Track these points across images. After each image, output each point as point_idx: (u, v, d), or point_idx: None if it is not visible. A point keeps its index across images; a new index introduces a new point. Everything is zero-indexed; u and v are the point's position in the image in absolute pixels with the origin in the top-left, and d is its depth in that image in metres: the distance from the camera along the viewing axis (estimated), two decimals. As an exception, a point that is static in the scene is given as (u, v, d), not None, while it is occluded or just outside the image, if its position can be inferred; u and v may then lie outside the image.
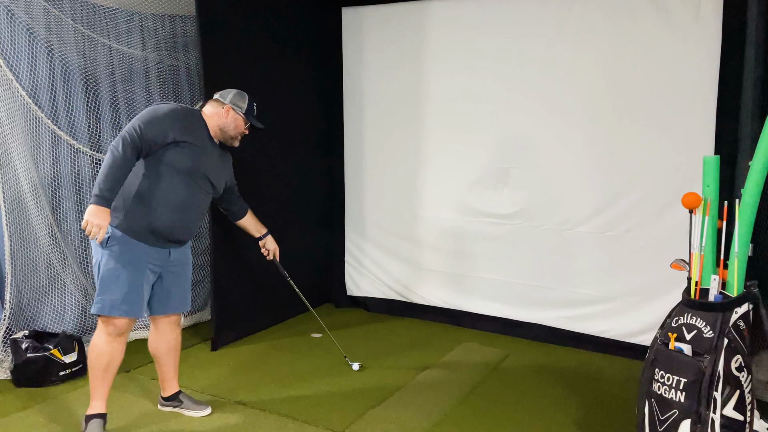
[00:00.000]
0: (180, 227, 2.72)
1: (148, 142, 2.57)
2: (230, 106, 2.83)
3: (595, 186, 3.74)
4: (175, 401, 3.01)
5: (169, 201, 2.64)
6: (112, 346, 2.67)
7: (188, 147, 2.65)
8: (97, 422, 2.70)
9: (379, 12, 4.34)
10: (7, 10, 3.37)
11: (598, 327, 3.82)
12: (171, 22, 4.22)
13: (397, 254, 4.53)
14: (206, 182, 2.77)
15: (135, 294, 2.63)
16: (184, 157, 2.64)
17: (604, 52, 3.62)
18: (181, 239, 2.77)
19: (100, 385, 2.71)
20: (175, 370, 3.01)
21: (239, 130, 2.86)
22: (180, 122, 2.64)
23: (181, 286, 2.87)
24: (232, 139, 2.86)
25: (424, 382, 3.39)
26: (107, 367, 2.69)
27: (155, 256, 2.69)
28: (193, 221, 2.79)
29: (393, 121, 4.40)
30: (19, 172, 3.47)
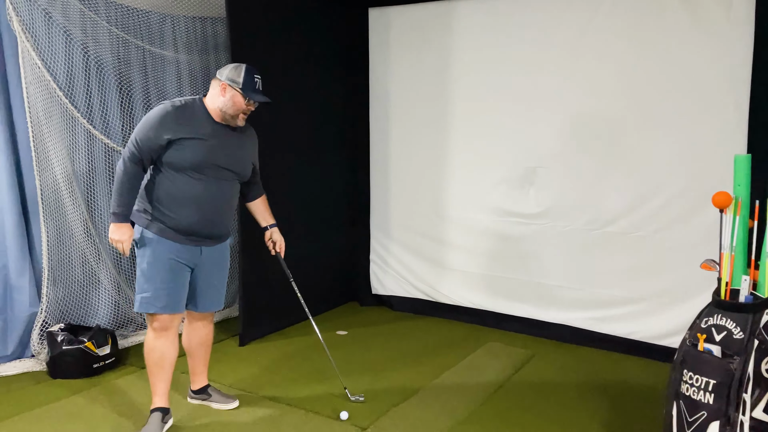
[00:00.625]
0: (204, 222, 2.68)
1: (146, 151, 2.57)
2: (226, 83, 2.62)
3: (624, 185, 3.70)
4: (203, 394, 3.06)
5: (185, 199, 2.62)
6: (159, 341, 2.72)
7: (187, 142, 2.57)
8: (156, 415, 2.75)
9: (406, 12, 4.36)
10: (45, 12, 3.48)
11: (625, 328, 3.78)
12: (202, 24, 4.31)
13: (422, 253, 4.55)
14: (221, 171, 2.67)
15: (169, 291, 2.65)
16: (185, 153, 2.58)
17: (632, 50, 3.58)
18: (210, 234, 2.74)
19: (157, 381, 2.76)
20: (205, 365, 3.05)
21: (238, 108, 2.64)
22: (171, 121, 2.56)
23: (213, 284, 2.86)
24: (233, 119, 2.67)
25: (448, 382, 3.39)
26: (159, 362, 2.73)
27: (187, 254, 2.69)
28: (217, 214, 2.73)
29: (419, 120, 4.42)
30: (56, 170, 3.58)
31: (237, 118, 2.66)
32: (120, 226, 2.60)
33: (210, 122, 2.65)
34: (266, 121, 3.87)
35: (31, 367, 3.52)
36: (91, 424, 2.90)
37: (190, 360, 3.03)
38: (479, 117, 4.16)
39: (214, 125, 2.66)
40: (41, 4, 3.44)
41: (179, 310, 2.73)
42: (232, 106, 2.63)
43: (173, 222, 2.63)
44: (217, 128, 2.67)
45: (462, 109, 4.23)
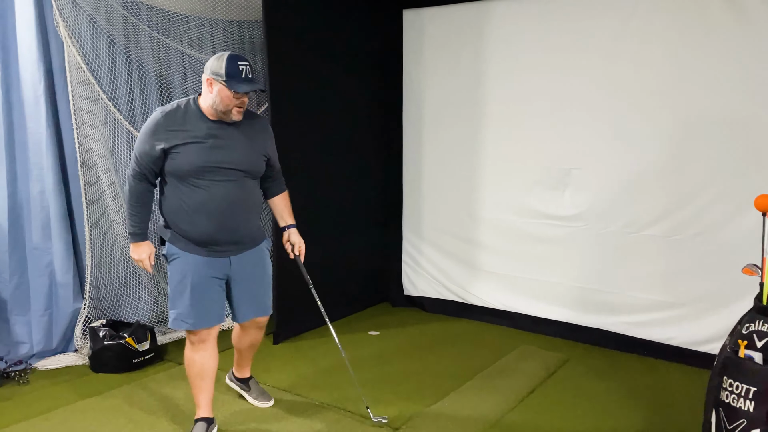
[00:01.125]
0: (219, 230, 2.53)
1: (146, 165, 2.49)
2: (211, 78, 2.42)
3: (663, 188, 3.63)
4: (244, 384, 3.11)
5: (193, 209, 2.49)
6: (198, 354, 2.66)
7: (182, 148, 2.43)
8: (201, 425, 2.72)
9: (440, 13, 4.36)
10: (90, 18, 3.60)
11: (663, 334, 3.70)
12: (239, 27, 4.39)
13: (455, 255, 4.53)
14: (226, 172, 2.49)
15: (198, 306, 2.56)
16: (182, 160, 2.44)
17: (672, 50, 3.50)
18: (233, 241, 2.59)
19: (199, 393, 2.72)
20: (249, 360, 3.10)
21: (227, 102, 2.42)
22: (162, 130, 2.44)
23: (253, 294, 2.73)
24: (226, 114, 2.45)
25: (480, 384, 3.38)
26: (200, 373, 2.68)
27: (215, 266, 2.58)
28: (233, 218, 2.55)
29: (452, 121, 4.41)
30: (99, 171, 3.70)
31: (230, 113, 2.45)
32: (138, 246, 2.59)
33: (204, 122, 2.47)
34: (300, 122, 3.94)
35: (74, 361, 3.64)
36: (130, 417, 2.99)
37: (236, 354, 3.05)
38: (513, 118, 4.13)
39: (210, 124, 2.48)
40: (86, 10, 3.57)
41: (211, 324, 2.64)
42: (220, 102, 2.42)
43: (190, 235, 2.53)
44: (214, 127, 2.48)
45: (496, 110, 4.20)
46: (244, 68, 2.42)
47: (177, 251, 2.56)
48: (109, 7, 3.69)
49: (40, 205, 3.55)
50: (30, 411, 3.04)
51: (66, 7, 3.47)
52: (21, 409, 3.07)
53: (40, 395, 3.22)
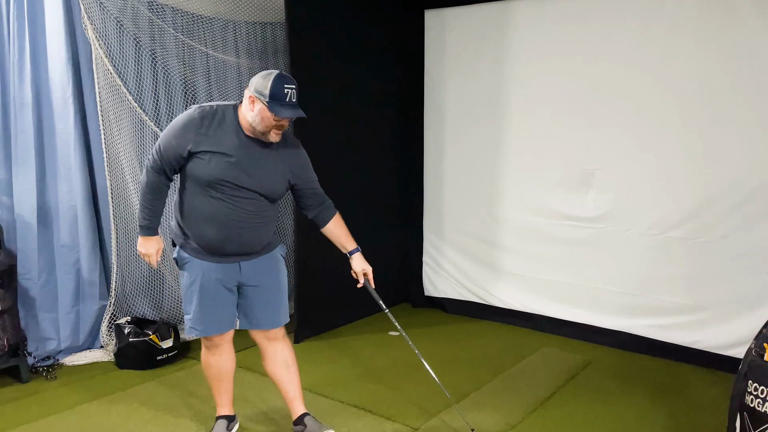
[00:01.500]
0: (228, 241, 2.43)
1: (167, 161, 2.38)
2: (254, 95, 2.31)
3: (688, 189, 3.57)
4: (300, 425, 2.72)
5: (202, 217, 2.41)
6: (214, 357, 2.64)
7: (207, 156, 2.33)
8: (222, 422, 2.74)
9: (462, 13, 4.35)
10: (117, 21, 3.67)
11: (688, 337, 3.65)
12: (262, 29, 4.44)
13: (476, 256, 4.52)
14: (240, 190, 2.37)
15: (207, 313, 2.50)
16: (203, 168, 2.34)
17: (699, 48, 3.44)
18: (239, 252, 2.48)
19: (218, 394, 2.74)
20: (295, 390, 2.72)
21: (267, 124, 2.31)
22: (194, 131, 2.33)
23: (264, 300, 2.59)
24: (264, 135, 2.35)
25: (501, 386, 3.36)
26: (217, 376, 2.68)
27: (224, 273, 2.48)
28: (241, 234, 2.44)
29: (473, 121, 4.40)
30: (125, 171, 3.76)
31: (268, 134, 2.34)
32: (146, 239, 2.51)
33: (238, 135, 2.36)
34: (321, 123, 3.96)
35: (100, 357, 3.71)
36: (154, 413, 3.03)
37: (278, 386, 2.73)
38: (535, 119, 4.10)
39: (243, 139, 2.36)
40: (113, 13, 3.64)
41: (221, 331, 2.57)
42: (260, 122, 2.31)
43: (198, 240, 2.45)
44: (246, 143, 2.37)
45: (517, 111, 4.18)
46: (290, 92, 2.31)
47: (186, 256, 2.49)
48: (135, 9, 3.75)
49: (68, 205, 3.63)
50: (57, 406, 3.11)
51: (94, 10, 3.54)
52: (48, 403, 3.14)
53: (66, 390, 3.29)
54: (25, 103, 3.45)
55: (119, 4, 3.66)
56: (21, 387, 3.33)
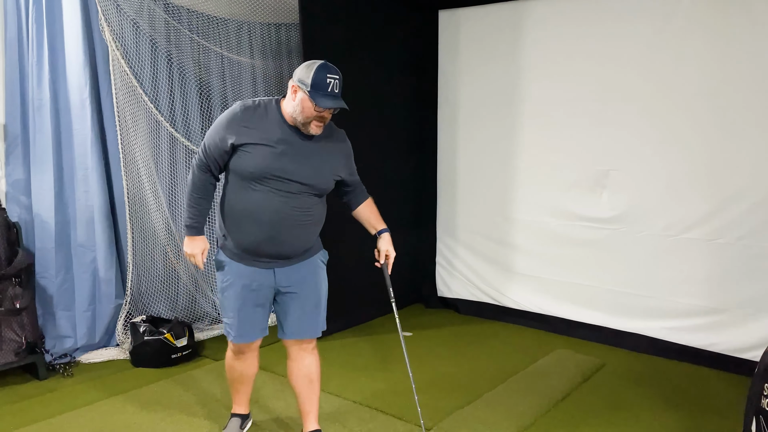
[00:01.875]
0: (267, 241, 2.35)
1: (212, 158, 2.34)
2: (296, 85, 2.26)
3: (705, 190, 3.53)
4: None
5: (245, 213, 2.33)
6: (238, 362, 2.61)
7: (251, 148, 2.27)
8: (235, 420, 2.76)
9: (476, 13, 4.34)
10: (133, 22, 3.71)
11: (704, 340, 3.61)
12: (277, 30, 4.46)
13: (489, 257, 4.50)
14: (287, 183, 2.30)
15: (241, 319, 2.44)
16: (247, 160, 2.28)
17: (715, 47, 3.41)
18: (278, 255, 2.39)
19: (236, 394, 2.75)
20: (312, 405, 2.65)
21: (308, 114, 2.24)
22: (237, 124, 2.29)
23: (299, 309, 2.48)
24: (305, 126, 2.28)
25: (514, 387, 3.35)
26: (239, 379, 2.68)
27: (259, 278, 2.41)
28: (283, 232, 2.35)
29: (487, 121, 4.38)
30: (141, 171, 3.80)
31: (309, 125, 2.28)
32: (192, 240, 2.44)
33: (282, 127, 2.31)
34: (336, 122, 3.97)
35: (115, 355, 3.75)
36: (168, 411, 3.06)
37: (297, 397, 2.66)
38: (549, 119, 4.08)
39: (287, 131, 2.31)
40: (130, 14, 3.68)
41: (252, 339, 2.52)
42: (301, 112, 2.25)
43: (239, 240, 2.38)
44: (290, 134, 2.31)
45: (531, 111, 4.16)
46: (332, 82, 2.24)
47: (225, 259, 2.43)
48: (151, 11, 3.79)
49: (85, 204, 3.67)
50: (73, 402, 3.15)
51: (111, 12, 3.59)
52: (65, 400, 3.18)
53: (83, 388, 3.34)
54: (43, 104, 3.50)
55: (136, 6, 3.71)
56: (38, 384, 3.37)
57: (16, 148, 3.52)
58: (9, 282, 3.30)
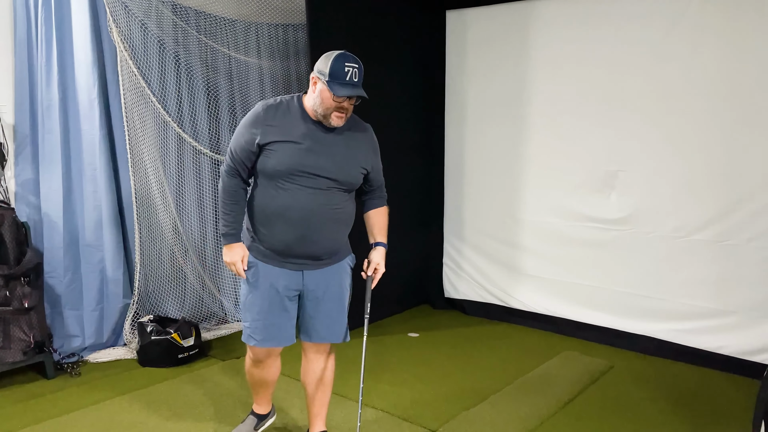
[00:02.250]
0: (298, 240, 2.31)
1: (240, 161, 2.30)
2: (316, 76, 2.23)
3: (714, 191, 3.50)
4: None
5: (275, 213, 2.30)
6: (257, 369, 2.56)
7: (276, 146, 2.24)
8: (251, 419, 2.75)
9: (483, 14, 4.33)
10: (142, 24, 3.73)
11: (713, 342, 3.57)
12: (284, 31, 4.47)
13: (497, 258, 4.49)
14: (316, 179, 2.26)
15: (266, 323, 2.38)
16: (273, 158, 2.25)
17: (724, 48, 3.38)
18: (310, 255, 2.35)
19: (256, 395, 2.71)
20: (321, 407, 2.64)
21: (327, 105, 2.20)
22: (261, 124, 2.26)
23: (325, 313, 2.44)
24: (325, 118, 2.24)
25: (521, 389, 3.33)
26: (259, 383, 2.64)
27: (287, 280, 2.36)
28: (314, 230, 2.30)
29: (495, 122, 4.37)
30: (148, 171, 3.82)
31: (329, 117, 2.23)
32: (230, 248, 2.35)
33: (306, 122, 2.27)
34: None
35: (122, 354, 3.77)
36: (174, 410, 3.07)
37: (306, 398, 2.65)
38: (557, 119, 4.06)
39: (311, 126, 2.27)
40: (138, 16, 3.70)
41: (279, 344, 2.45)
42: (320, 104, 2.22)
43: (269, 241, 2.34)
44: (314, 129, 2.27)
45: (539, 112, 4.14)
46: (351, 70, 2.20)
47: (252, 260, 2.37)
48: (159, 12, 3.81)
49: (93, 204, 3.69)
50: (81, 401, 3.16)
51: (119, 14, 3.60)
52: (73, 399, 3.20)
53: (90, 387, 3.35)
54: (52, 104, 3.53)
55: (144, 6, 3.72)
56: (46, 383, 3.39)
57: (26, 148, 3.54)
58: (18, 281, 3.32)
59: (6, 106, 3.48)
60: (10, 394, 3.25)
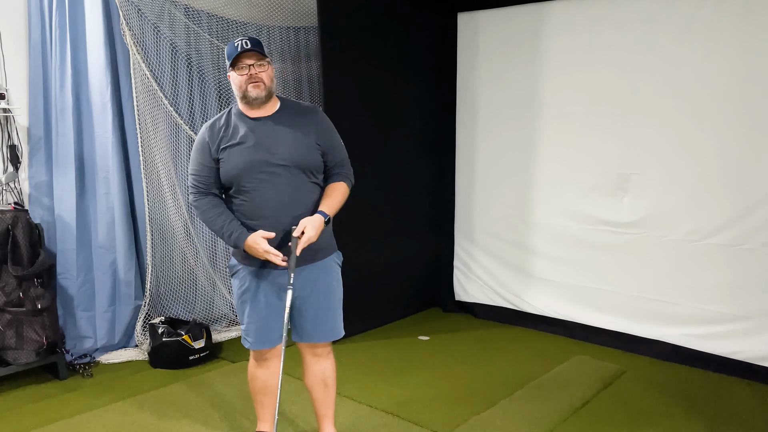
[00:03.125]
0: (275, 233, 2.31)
1: (208, 180, 2.37)
2: (229, 74, 2.37)
3: (729, 194, 3.46)
4: None
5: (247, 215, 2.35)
6: (260, 371, 2.57)
7: (226, 152, 2.32)
8: None
9: (495, 16, 4.31)
10: (154, 27, 3.75)
11: (728, 347, 3.53)
12: (296, 33, 4.48)
13: (508, 261, 4.46)
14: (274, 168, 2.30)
15: (258, 325, 2.43)
16: (229, 164, 2.32)
17: (739, 50, 3.33)
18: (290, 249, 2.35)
19: (260, 408, 2.66)
20: (327, 409, 2.64)
21: (239, 82, 2.31)
22: (209, 141, 2.35)
23: (313, 311, 2.44)
24: (246, 98, 2.32)
25: (532, 393, 3.31)
26: (262, 390, 2.60)
27: (273, 278, 2.38)
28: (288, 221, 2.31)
29: (506, 124, 4.35)
30: (160, 173, 3.84)
31: (248, 92, 2.30)
32: (248, 246, 2.30)
33: (245, 123, 2.35)
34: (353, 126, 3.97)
35: (134, 356, 3.78)
36: (185, 412, 3.08)
37: (313, 403, 2.66)
38: (569, 122, 4.03)
39: (250, 122, 2.35)
40: (151, 19, 3.72)
41: (272, 344, 2.48)
42: (237, 88, 2.33)
43: None
44: (256, 124, 2.34)
45: (551, 114, 4.11)
46: (239, 42, 2.30)
47: (236, 264, 2.44)
48: (172, 15, 3.83)
49: (106, 206, 3.71)
50: (93, 402, 3.18)
51: (132, 17, 3.63)
52: (85, 400, 3.22)
53: (102, 388, 3.37)
54: (66, 107, 3.55)
55: (157, 10, 3.74)
56: (58, 384, 3.42)
57: (39, 150, 3.57)
58: (31, 282, 3.35)
59: (20, 108, 3.51)
60: (22, 395, 3.28)
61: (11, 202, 3.48)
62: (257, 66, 2.30)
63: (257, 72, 2.30)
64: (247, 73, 2.29)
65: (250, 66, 2.29)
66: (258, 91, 2.31)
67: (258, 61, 2.31)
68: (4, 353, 3.27)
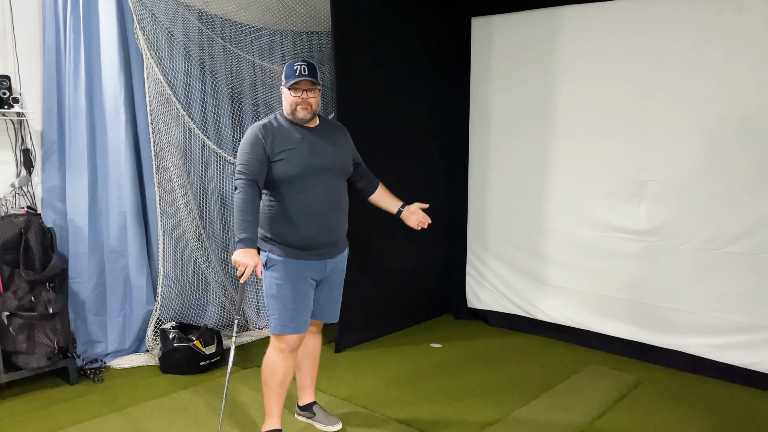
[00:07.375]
0: (323, 231, 2.62)
1: (256, 174, 2.52)
2: (282, 87, 2.62)
3: (748, 202, 3.39)
4: (308, 412, 3.01)
5: (299, 212, 2.57)
6: (285, 362, 2.68)
7: (284, 155, 2.54)
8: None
9: (509, 21, 4.27)
10: (168, 31, 3.75)
11: (746, 358, 3.45)
12: (309, 38, 4.47)
13: (521, 268, 4.41)
14: (326, 172, 2.62)
15: (300, 311, 2.62)
16: (286, 166, 2.54)
17: (759, 55, 3.27)
18: (332, 242, 2.67)
19: (275, 402, 2.74)
20: (312, 380, 3.01)
21: (291, 102, 2.57)
22: (263, 141, 2.54)
23: (333, 297, 2.81)
24: (293, 116, 2.59)
25: (547, 403, 3.25)
26: (282, 383, 2.70)
27: (312, 270, 2.64)
28: (332, 218, 2.64)
29: (520, 130, 4.30)
30: (173, 178, 3.83)
31: (297, 112, 2.58)
32: (246, 252, 2.44)
33: (295, 129, 2.61)
34: (366, 131, 3.94)
35: (145, 361, 3.77)
36: (195, 418, 3.05)
37: (298, 373, 2.97)
38: (585, 127, 3.98)
39: (300, 130, 2.62)
40: (164, 23, 3.72)
41: (306, 329, 2.70)
42: (288, 105, 2.59)
43: (293, 238, 2.58)
44: (304, 133, 2.62)
45: (566, 120, 4.07)
46: (299, 67, 2.56)
47: (277, 258, 2.59)
48: (185, 20, 3.83)
49: (118, 211, 3.71)
50: (103, 408, 3.16)
51: (146, 21, 3.63)
52: (95, 405, 3.20)
53: (113, 393, 3.35)
54: (79, 111, 3.56)
55: (170, 15, 3.75)
56: (69, 388, 3.41)
57: (53, 154, 3.58)
58: (43, 286, 3.35)
59: (34, 112, 3.52)
60: (33, 399, 3.27)
61: (24, 206, 3.49)
62: (309, 92, 2.57)
63: (308, 97, 2.58)
64: (300, 96, 2.57)
65: (304, 90, 2.56)
66: (305, 113, 2.60)
67: (311, 88, 2.57)
68: (16, 358, 3.26)
